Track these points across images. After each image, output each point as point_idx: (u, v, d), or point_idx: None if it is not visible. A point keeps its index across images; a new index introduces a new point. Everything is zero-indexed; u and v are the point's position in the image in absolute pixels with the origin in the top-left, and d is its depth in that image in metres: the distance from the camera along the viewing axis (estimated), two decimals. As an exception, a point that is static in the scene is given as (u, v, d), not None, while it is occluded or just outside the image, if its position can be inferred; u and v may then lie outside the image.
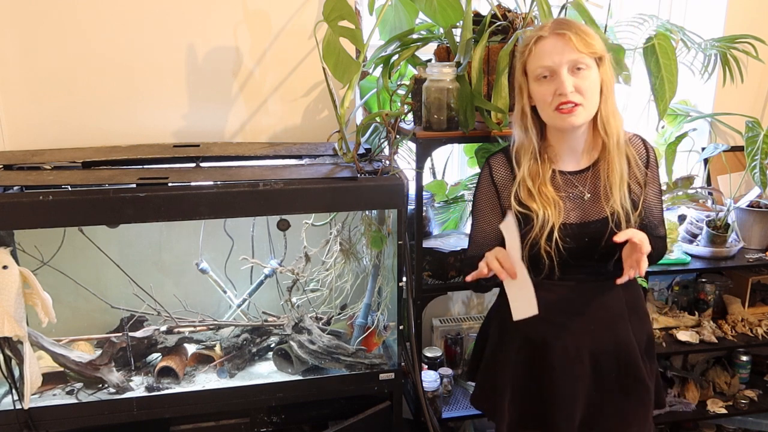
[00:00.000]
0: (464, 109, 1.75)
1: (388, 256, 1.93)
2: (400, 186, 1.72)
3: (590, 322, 1.54)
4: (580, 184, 1.51)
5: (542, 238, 1.46)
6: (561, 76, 1.38)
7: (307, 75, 2.10)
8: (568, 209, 1.50)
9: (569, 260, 1.50)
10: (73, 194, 1.60)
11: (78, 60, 1.95)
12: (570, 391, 1.55)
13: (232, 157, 1.86)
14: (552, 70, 1.39)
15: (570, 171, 1.52)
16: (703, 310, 2.39)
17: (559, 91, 1.38)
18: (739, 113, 2.33)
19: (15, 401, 1.69)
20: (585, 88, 1.39)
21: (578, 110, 1.40)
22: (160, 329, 1.93)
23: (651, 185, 1.56)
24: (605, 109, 1.43)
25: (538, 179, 1.49)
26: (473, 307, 2.57)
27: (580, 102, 1.39)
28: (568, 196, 1.51)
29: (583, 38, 1.37)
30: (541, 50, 1.40)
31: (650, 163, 1.55)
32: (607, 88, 1.43)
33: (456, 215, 2.23)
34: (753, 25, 2.32)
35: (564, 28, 1.39)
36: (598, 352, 1.55)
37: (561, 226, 1.47)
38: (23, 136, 1.98)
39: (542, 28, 1.42)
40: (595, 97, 1.42)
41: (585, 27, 1.41)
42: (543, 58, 1.40)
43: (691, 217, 2.40)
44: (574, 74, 1.39)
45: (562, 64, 1.38)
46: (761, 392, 2.47)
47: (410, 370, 1.94)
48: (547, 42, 1.39)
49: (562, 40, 1.37)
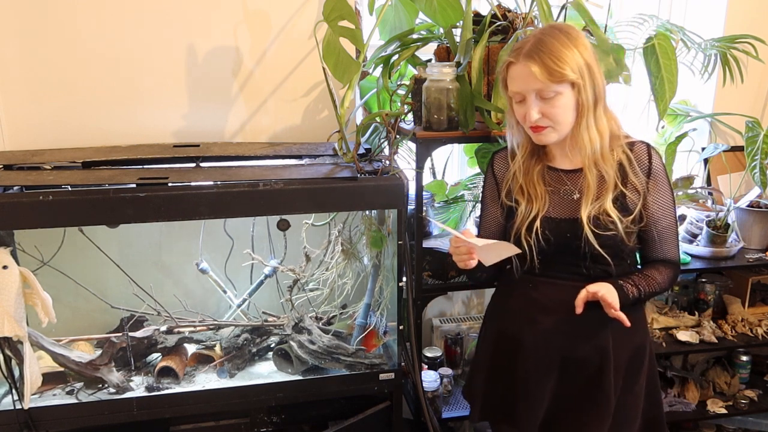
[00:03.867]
0: (464, 109, 1.75)
1: (388, 256, 1.93)
2: (400, 186, 1.72)
3: (565, 324, 1.52)
4: (570, 182, 1.51)
5: (523, 228, 1.50)
6: (528, 103, 1.40)
7: (307, 75, 2.10)
8: (553, 204, 1.51)
9: (550, 255, 1.50)
10: (73, 194, 1.60)
11: (78, 60, 1.95)
12: (535, 387, 1.56)
13: (232, 157, 1.86)
14: (522, 96, 1.42)
15: (563, 169, 1.52)
16: (703, 310, 2.39)
17: (528, 117, 1.41)
18: (739, 113, 2.33)
19: (15, 401, 1.69)
20: (553, 114, 1.39)
21: (547, 131, 1.43)
22: (160, 329, 1.93)
23: (654, 195, 1.49)
24: (578, 129, 1.42)
25: (528, 174, 1.52)
26: (473, 307, 2.57)
27: (549, 125, 1.41)
28: (555, 192, 1.51)
29: (551, 68, 1.34)
30: (512, 75, 1.42)
31: (653, 173, 1.48)
32: (584, 108, 1.40)
33: (456, 215, 2.22)
34: (753, 25, 2.32)
35: (532, 56, 1.36)
36: (569, 355, 1.54)
37: (543, 218, 1.49)
38: (23, 136, 1.98)
39: (516, 52, 1.40)
40: (566, 118, 1.41)
41: (559, 52, 1.35)
42: (513, 83, 1.43)
43: (691, 217, 2.40)
44: (542, 101, 1.39)
45: (529, 92, 1.39)
46: (761, 392, 2.47)
47: (410, 370, 1.94)
48: (516, 68, 1.40)
49: (527, 70, 1.37)
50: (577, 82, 1.37)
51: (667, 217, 1.51)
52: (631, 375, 1.56)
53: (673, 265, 1.55)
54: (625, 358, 1.55)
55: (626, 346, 1.55)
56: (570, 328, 1.52)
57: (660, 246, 1.53)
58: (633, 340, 1.56)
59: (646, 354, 1.59)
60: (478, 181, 2.20)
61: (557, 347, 1.54)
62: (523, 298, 1.57)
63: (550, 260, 1.52)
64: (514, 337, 1.58)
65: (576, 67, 1.36)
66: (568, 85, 1.38)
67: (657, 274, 1.52)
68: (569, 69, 1.35)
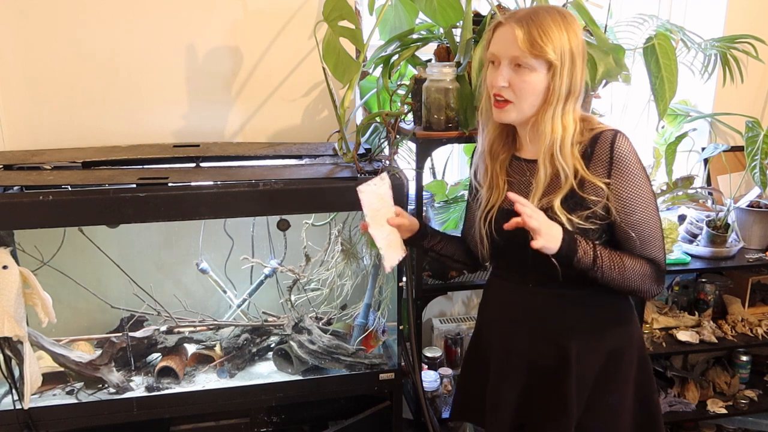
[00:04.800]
0: (464, 109, 1.75)
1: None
2: (400, 186, 1.72)
3: (530, 331, 1.48)
4: (530, 172, 1.44)
5: (480, 218, 1.48)
6: (500, 68, 1.35)
7: (307, 75, 2.10)
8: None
9: (504, 250, 1.47)
10: (73, 194, 1.60)
11: (78, 60, 1.95)
12: (502, 392, 1.53)
13: (232, 157, 1.86)
14: (497, 58, 1.36)
15: (525, 158, 1.46)
16: (703, 310, 2.39)
17: (494, 82, 1.36)
18: (739, 113, 2.33)
19: (15, 401, 1.69)
20: (519, 87, 1.33)
21: (508, 107, 1.36)
22: (160, 329, 1.93)
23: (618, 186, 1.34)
24: (542, 115, 1.34)
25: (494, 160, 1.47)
26: (473, 307, 2.57)
27: (511, 99, 1.35)
28: (514, 182, 1.46)
29: (535, 39, 1.29)
30: (496, 36, 1.36)
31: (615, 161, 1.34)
32: (554, 96, 1.32)
33: (456, 215, 2.22)
34: (753, 25, 2.32)
35: (521, 22, 1.30)
36: (533, 361, 1.49)
37: (499, 210, 1.44)
38: (23, 136, 1.98)
39: (509, 16, 1.35)
40: (531, 98, 1.34)
41: (548, 27, 1.29)
42: (494, 44, 1.36)
43: (691, 217, 2.40)
44: (515, 70, 1.33)
45: (505, 57, 1.34)
46: (761, 392, 2.47)
47: (410, 370, 1.93)
48: (502, 30, 1.35)
49: (511, 34, 1.31)
50: (555, 64, 1.30)
51: (638, 211, 1.35)
52: (604, 384, 1.47)
53: (651, 263, 1.38)
54: (593, 366, 1.46)
55: (595, 354, 1.46)
56: (533, 333, 1.48)
57: (636, 244, 1.37)
58: (603, 346, 1.46)
59: (622, 361, 1.47)
60: (478, 181, 2.20)
61: (522, 353, 1.50)
62: (495, 303, 1.57)
63: (504, 256, 1.50)
64: (488, 341, 1.58)
65: (559, 49, 1.30)
66: (545, 64, 1.31)
67: (628, 258, 1.36)
68: (551, 48, 1.29)
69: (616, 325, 1.49)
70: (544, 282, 1.43)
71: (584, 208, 1.35)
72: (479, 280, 2.07)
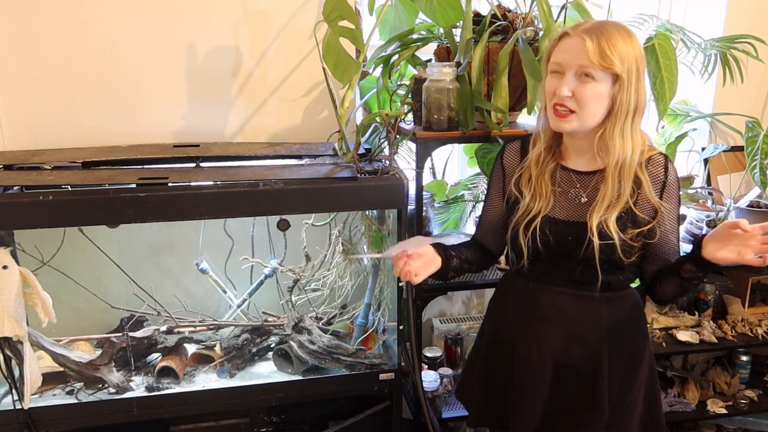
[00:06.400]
0: (464, 109, 1.75)
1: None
2: (400, 186, 1.72)
3: (560, 330, 1.50)
4: (581, 185, 1.47)
5: (522, 225, 1.47)
6: (565, 77, 1.36)
7: (307, 75, 2.10)
8: (559, 205, 1.48)
9: (544, 256, 1.47)
10: (73, 194, 1.60)
11: (78, 60, 1.95)
12: (528, 393, 1.53)
13: (232, 157, 1.86)
14: (562, 68, 1.37)
15: (576, 170, 1.48)
16: (703, 310, 2.39)
17: (558, 92, 1.37)
18: (739, 113, 2.33)
19: (15, 401, 1.69)
20: (583, 97, 1.34)
21: (571, 117, 1.37)
22: (160, 329, 1.93)
23: (666, 210, 1.44)
24: (611, 130, 1.38)
25: (540, 168, 1.49)
26: (473, 307, 2.57)
27: (574, 109, 1.37)
28: (563, 193, 1.48)
29: (602, 50, 1.31)
30: (561, 46, 1.38)
31: (667, 188, 1.43)
32: (620, 109, 1.35)
33: (456, 215, 2.23)
34: (753, 25, 2.32)
35: (590, 33, 1.33)
36: (562, 362, 1.51)
37: (545, 218, 1.46)
38: (23, 136, 1.98)
39: (575, 27, 1.37)
40: (594, 110, 1.36)
41: (616, 40, 1.32)
42: (559, 54, 1.38)
43: (691, 217, 2.40)
44: (580, 80, 1.35)
45: (571, 66, 1.35)
46: (761, 392, 2.47)
47: (410, 370, 1.93)
48: (569, 40, 1.36)
49: (580, 44, 1.33)
50: (622, 77, 1.33)
51: (675, 231, 1.47)
52: (626, 384, 1.51)
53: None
54: (620, 366, 1.50)
55: (622, 354, 1.50)
56: (564, 334, 1.50)
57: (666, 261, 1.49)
58: (630, 348, 1.51)
59: (642, 363, 1.53)
60: (478, 181, 2.20)
61: (550, 353, 1.51)
62: (519, 303, 1.56)
63: (543, 262, 1.49)
64: (509, 342, 1.57)
65: (626, 63, 1.33)
66: (611, 77, 1.33)
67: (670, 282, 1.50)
68: (619, 60, 1.32)
69: (640, 325, 1.56)
70: (583, 286, 1.47)
71: (636, 226, 1.42)
72: (479, 280, 2.06)
